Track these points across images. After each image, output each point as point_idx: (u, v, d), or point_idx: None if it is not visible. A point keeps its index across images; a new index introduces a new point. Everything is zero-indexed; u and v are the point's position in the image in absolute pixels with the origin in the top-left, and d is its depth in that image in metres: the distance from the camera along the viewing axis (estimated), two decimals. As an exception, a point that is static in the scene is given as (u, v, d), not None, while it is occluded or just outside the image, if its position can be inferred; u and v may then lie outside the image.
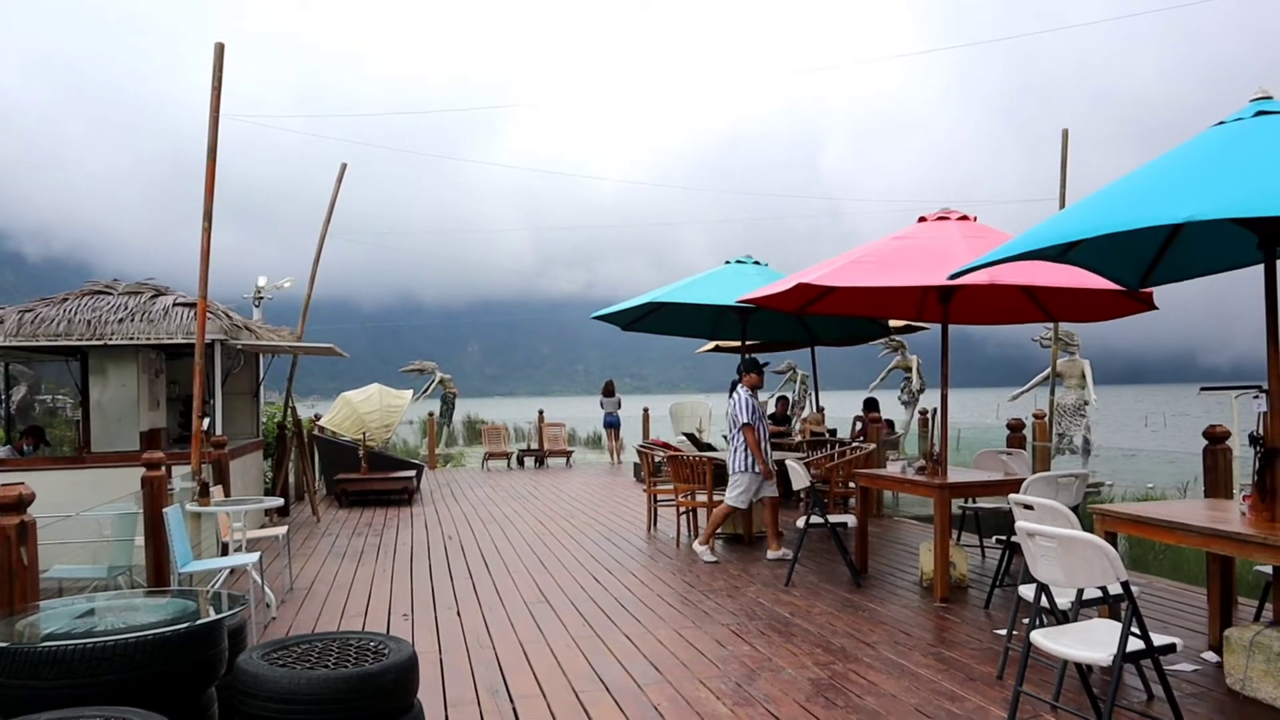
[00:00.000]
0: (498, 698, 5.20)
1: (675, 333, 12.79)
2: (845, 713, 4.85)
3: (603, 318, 11.79)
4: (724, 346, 16.22)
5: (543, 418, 22.48)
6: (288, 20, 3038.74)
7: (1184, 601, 7.24)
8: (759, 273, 10.64)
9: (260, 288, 19.36)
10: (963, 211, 7.93)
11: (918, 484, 7.72)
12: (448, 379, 27.22)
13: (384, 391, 17.02)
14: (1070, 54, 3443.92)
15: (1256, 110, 4.74)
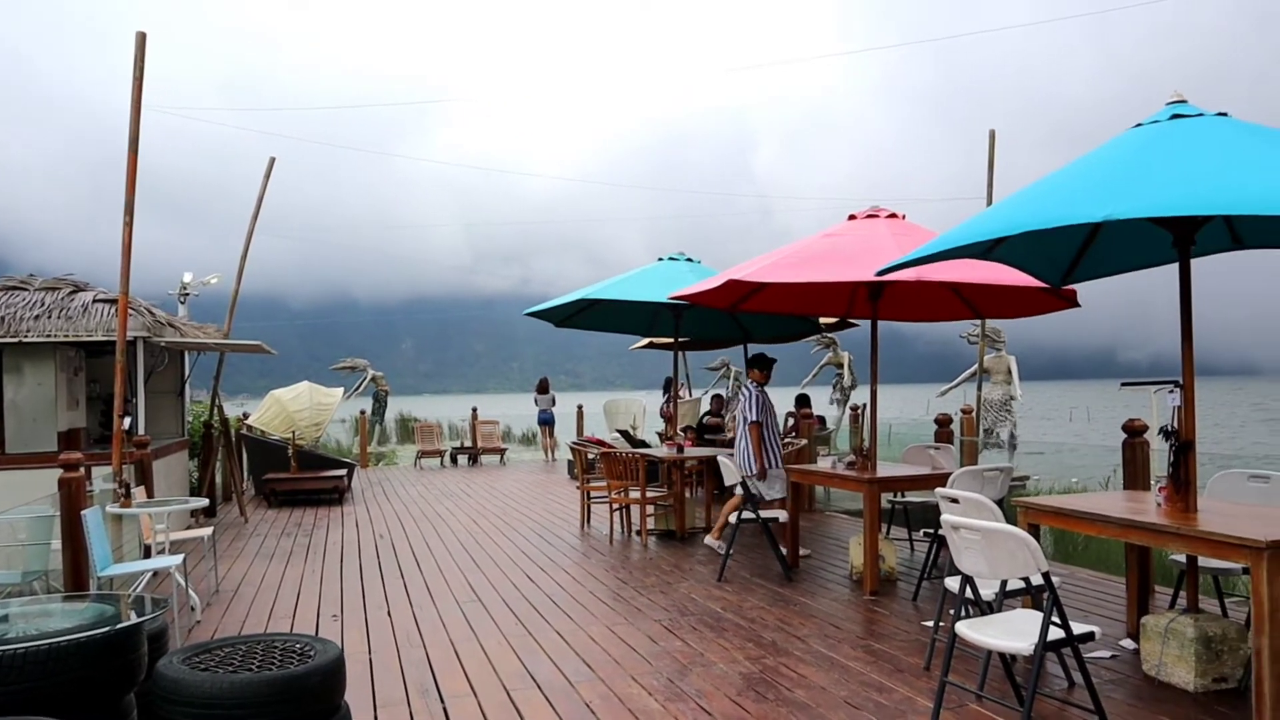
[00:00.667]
0: (428, 697, 5.16)
1: (609, 329, 12.79)
2: (775, 706, 4.89)
3: (536, 314, 11.75)
4: (657, 343, 16.27)
5: (476, 415, 22.34)
6: (215, 9, 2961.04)
7: (1105, 591, 7.42)
8: (692, 270, 10.68)
9: (186, 284, 18.98)
10: (891, 209, 8.04)
11: (847, 479, 7.81)
12: (380, 376, 26.95)
13: (314, 389, 16.79)
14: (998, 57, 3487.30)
15: (1172, 114, 4.87)
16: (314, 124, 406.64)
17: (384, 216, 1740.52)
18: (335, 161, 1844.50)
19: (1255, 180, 4.10)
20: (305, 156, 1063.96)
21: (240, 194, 21.74)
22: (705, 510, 10.82)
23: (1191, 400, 5.19)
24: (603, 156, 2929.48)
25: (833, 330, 16.05)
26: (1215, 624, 5.13)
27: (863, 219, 7.94)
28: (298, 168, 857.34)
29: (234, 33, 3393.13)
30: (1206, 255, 5.81)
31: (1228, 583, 6.58)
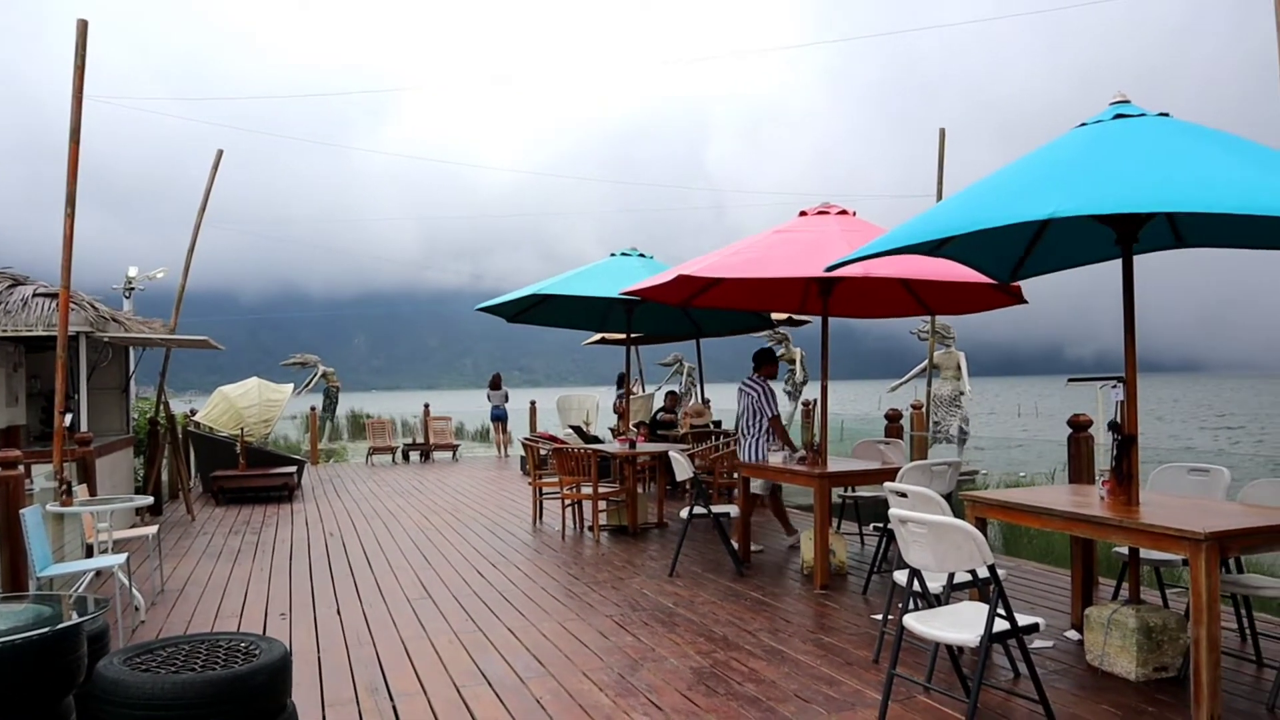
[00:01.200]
0: (377, 696, 5.11)
1: (561, 325, 12.75)
2: (726, 700, 4.90)
3: (487, 309, 11.68)
4: (610, 339, 16.25)
5: (428, 411, 22.19)
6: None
7: (1051, 583, 7.53)
8: (644, 265, 10.67)
9: (131, 278, 18.66)
10: (842, 206, 8.09)
11: (798, 474, 7.85)
12: (330, 372, 26.69)
13: (263, 386, 16.58)
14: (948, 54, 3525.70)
15: (1115, 113, 4.95)
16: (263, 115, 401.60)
17: (336, 210, 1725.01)
18: (286, 154, 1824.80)
19: (1195, 179, 4.17)
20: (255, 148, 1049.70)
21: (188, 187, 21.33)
22: (658, 506, 10.83)
23: (1134, 395, 5.28)
24: (555, 151, 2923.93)
25: (785, 326, 16.13)
26: (1156, 615, 5.22)
27: (813, 215, 7.98)
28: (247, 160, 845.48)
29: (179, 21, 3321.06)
30: (1149, 253, 5.92)
31: (1169, 574, 6.70)
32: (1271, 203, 3.77)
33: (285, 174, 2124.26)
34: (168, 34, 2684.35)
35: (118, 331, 10.80)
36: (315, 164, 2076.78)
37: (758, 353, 9.26)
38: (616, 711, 4.78)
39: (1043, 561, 8.79)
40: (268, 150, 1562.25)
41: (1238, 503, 5.38)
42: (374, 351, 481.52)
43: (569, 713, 4.78)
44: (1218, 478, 5.82)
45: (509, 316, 12.10)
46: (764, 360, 9.12)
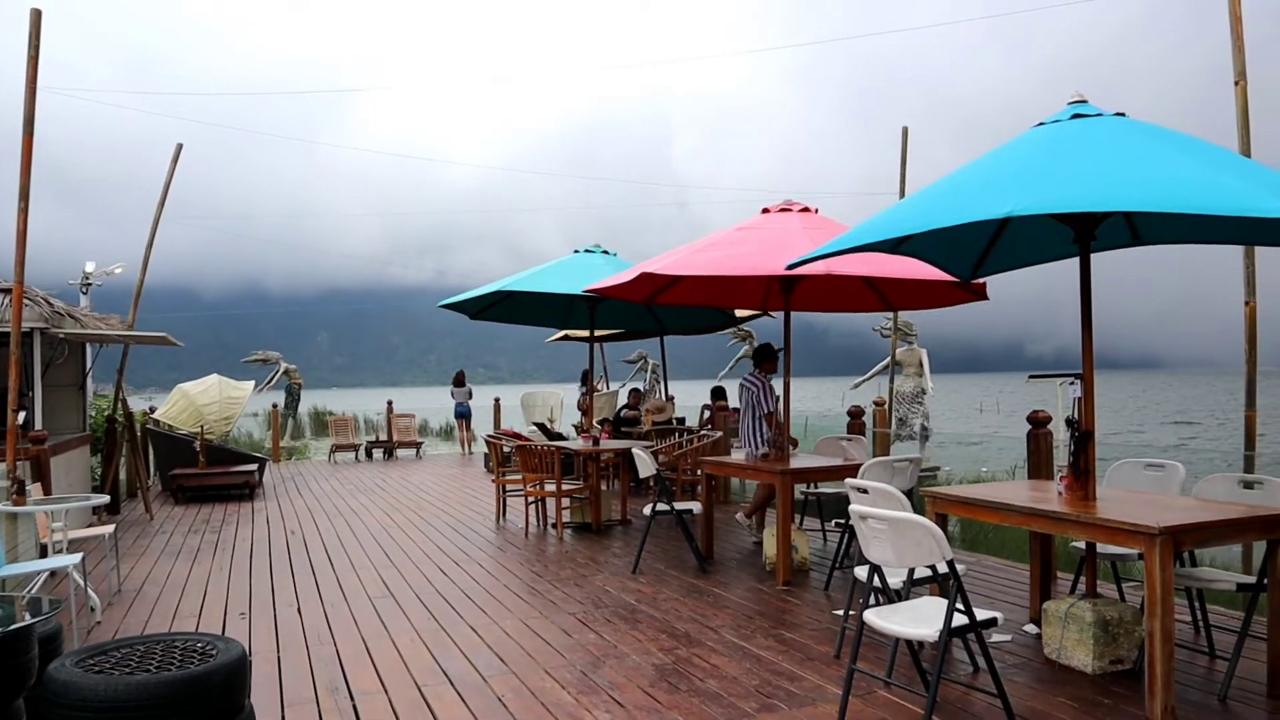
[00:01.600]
0: (337, 695, 5.07)
1: (525, 322, 12.71)
2: (687, 696, 4.91)
3: (450, 306, 11.62)
4: (573, 336, 16.23)
5: (391, 408, 22.07)
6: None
7: (1010, 578, 7.60)
8: (607, 262, 10.66)
9: (88, 274, 18.38)
10: (805, 204, 8.11)
11: (760, 470, 7.88)
12: (293, 369, 26.46)
13: (223, 383, 16.40)
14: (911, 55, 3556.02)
15: (1073, 113, 5.00)
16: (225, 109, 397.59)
17: (298, 206, 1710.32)
18: (248, 149, 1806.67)
19: (1151, 178, 4.22)
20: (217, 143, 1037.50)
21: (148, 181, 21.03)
22: (621, 503, 10.83)
23: (1091, 392, 5.34)
24: (520, 147, 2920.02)
25: (749, 323, 16.19)
26: (1112, 608, 5.28)
27: (776, 213, 8.00)
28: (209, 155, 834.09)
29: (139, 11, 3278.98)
30: (1106, 250, 5.99)
31: (1125, 568, 6.79)
32: (1224, 202, 3.83)
33: (248, 169, 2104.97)
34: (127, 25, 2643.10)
35: (73, 328, 10.64)
36: (279, 159, 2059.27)
37: (758, 349, 9.33)
38: (578, 709, 4.77)
39: (1003, 557, 8.88)
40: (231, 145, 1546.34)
41: (1192, 498, 5.46)
42: (337, 348, 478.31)
43: (531, 711, 4.77)
44: (1173, 473, 5.90)
45: (472, 314, 12.05)
46: (764, 357, 9.18)
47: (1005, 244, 6.29)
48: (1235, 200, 3.80)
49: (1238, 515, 4.73)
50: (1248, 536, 5.34)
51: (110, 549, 8.09)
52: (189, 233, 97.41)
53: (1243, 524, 4.75)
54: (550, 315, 12.63)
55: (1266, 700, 4.75)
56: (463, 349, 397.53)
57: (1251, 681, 4.97)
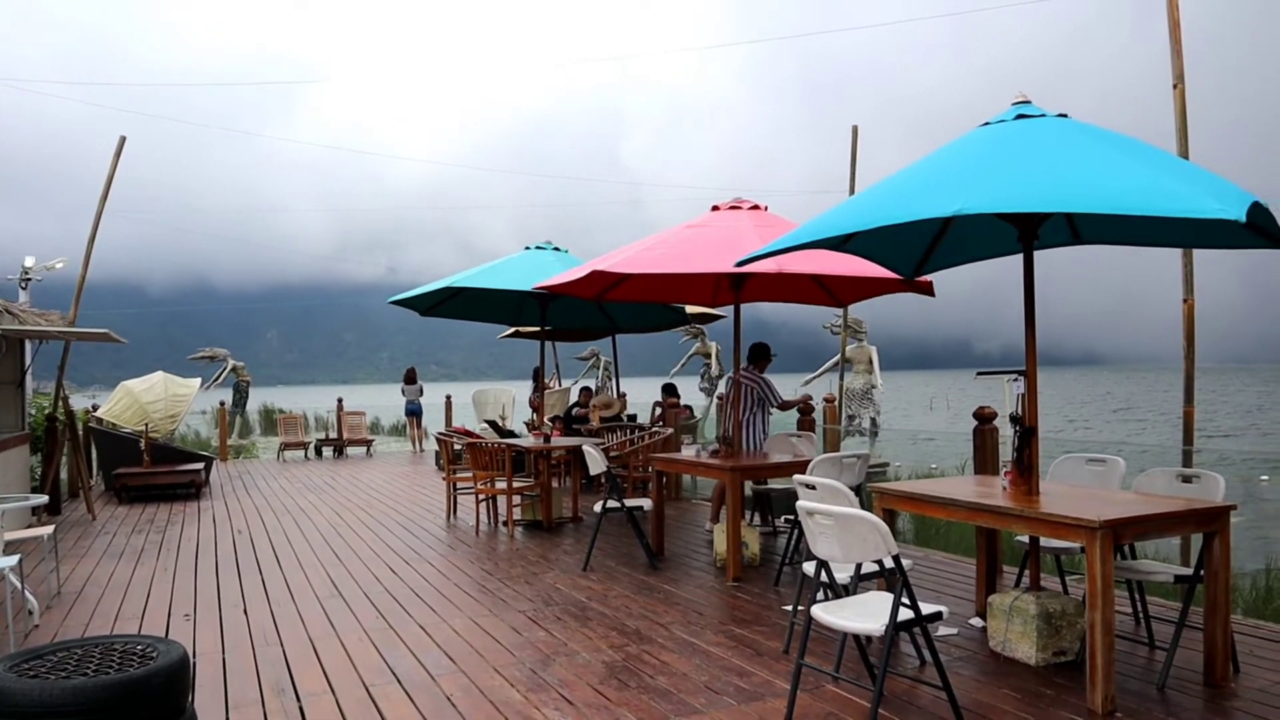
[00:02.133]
0: (283, 696, 5.01)
1: (476, 318, 12.65)
2: (637, 693, 4.92)
3: (400, 302, 11.53)
4: (524, 332, 16.18)
5: (341, 406, 21.86)
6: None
7: (958, 572, 7.70)
8: (558, 259, 10.64)
9: (28, 269, 17.99)
10: (755, 201, 8.15)
11: (710, 467, 7.90)
12: (240, 366, 26.11)
13: (169, 380, 16.15)
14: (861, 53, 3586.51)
15: (1017, 114, 5.07)
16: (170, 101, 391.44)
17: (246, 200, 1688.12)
18: (195, 141, 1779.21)
19: (1091, 180, 4.29)
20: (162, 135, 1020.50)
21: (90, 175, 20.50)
22: (572, 500, 10.81)
23: (1034, 388, 5.42)
24: (471, 142, 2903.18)
25: (700, 320, 16.24)
26: (1055, 601, 5.37)
27: (726, 210, 8.03)
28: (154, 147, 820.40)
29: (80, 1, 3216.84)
30: (1049, 249, 6.08)
31: (1069, 561, 6.90)
32: (1162, 204, 3.90)
33: (194, 162, 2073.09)
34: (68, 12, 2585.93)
35: (11, 324, 10.41)
36: (225, 152, 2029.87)
37: (754, 347, 9.47)
38: (527, 707, 4.76)
39: (951, 551, 8.99)
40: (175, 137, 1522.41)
41: (1132, 492, 5.56)
42: (287, 345, 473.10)
43: (479, 709, 4.75)
44: (1114, 468, 6.01)
45: (422, 310, 11.97)
46: (761, 355, 9.36)
47: (949, 242, 6.36)
48: (1172, 202, 3.88)
49: (1175, 509, 4.83)
50: (1185, 529, 5.46)
51: (50, 550, 7.93)
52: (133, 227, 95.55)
53: (1180, 517, 4.85)
54: (501, 312, 12.59)
55: (1203, 688, 4.86)
56: (415, 346, 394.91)
57: (1189, 670, 5.08)
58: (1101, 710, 4.44)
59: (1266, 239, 4.88)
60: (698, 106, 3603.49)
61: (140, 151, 67.93)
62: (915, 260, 6.55)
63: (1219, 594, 4.84)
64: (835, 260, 6.82)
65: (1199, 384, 7.85)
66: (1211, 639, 4.89)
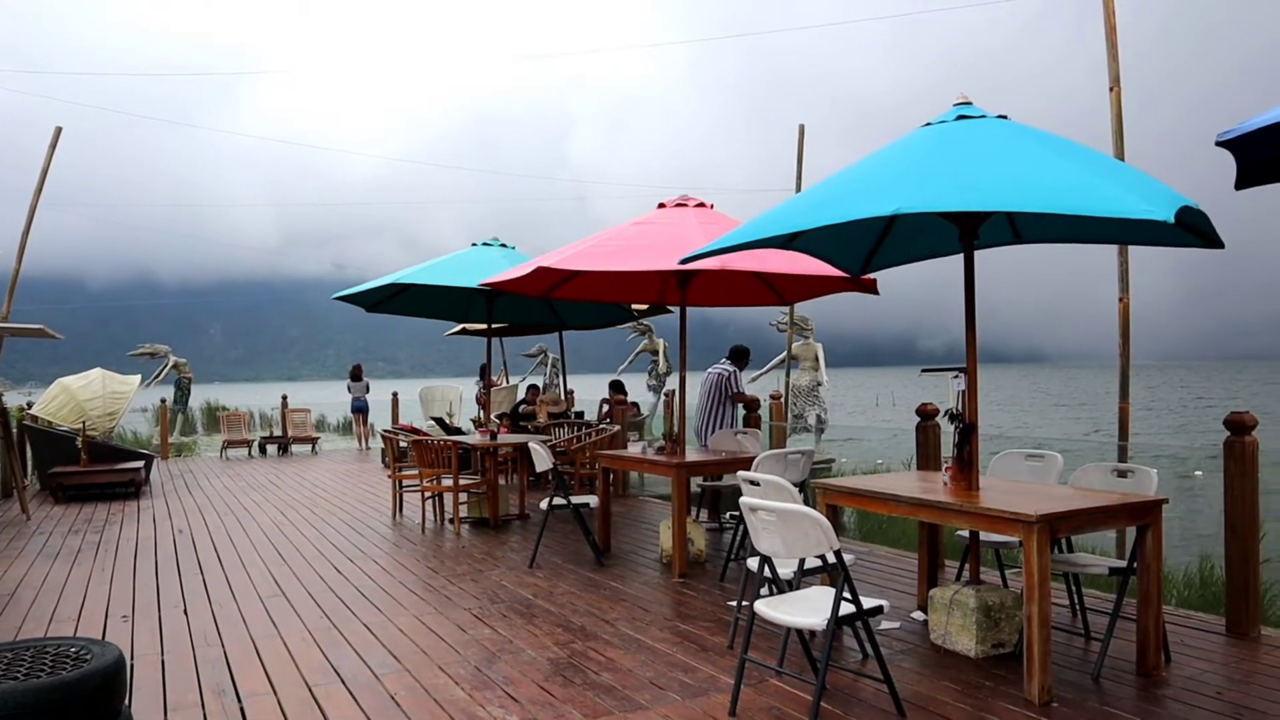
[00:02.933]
0: (224, 698, 4.94)
1: (422, 315, 12.56)
2: (582, 690, 4.92)
3: (345, 298, 11.41)
4: (472, 329, 16.10)
5: (286, 403, 21.60)
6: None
7: (901, 567, 7.79)
8: (505, 255, 10.60)
9: (-43, 263, 17.56)
10: (700, 199, 8.18)
11: (656, 464, 7.93)
12: (182, 363, 25.67)
13: (107, 377, 15.85)
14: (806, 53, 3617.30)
15: (958, 114, 5.15)
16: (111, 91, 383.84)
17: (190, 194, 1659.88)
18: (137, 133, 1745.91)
19: (1030, 180, 4.37)
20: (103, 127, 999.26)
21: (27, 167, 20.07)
22: (519, 497, 10.79)
23: (974, 385, 5.50)
24: (418, 137, 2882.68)
25: (647, 317, 16.26)
26: (994, 594, 5.46)
27: (672, 208, 8.06)
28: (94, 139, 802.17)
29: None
30: (990, 248, 6.18)
31: (1008, 555, 7.02)
32: (1094, 204, 3.98)
33: (135, 154, 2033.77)
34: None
35: (-57, 320, 10.16)
36: (166, 144, 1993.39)
37: (735, 349, 10.13)
38: (472, 705, 4.75)
39: (894, 546, 9.10)
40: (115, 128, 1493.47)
41: (1069, 486, 5.67)
42: (231, 342, 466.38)
43: (424, 708, 4.73)
44: (1051, 463, 6.13)
45: (368, 306, 11.86)
46: (738, 355, 9.93)
47: (894, 240, 6.44)
48: (1103, 203, 3.96)
49: (1110, 503, 4.94)
50: (1119, 522, 5.57)
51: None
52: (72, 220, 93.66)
53: (1115, 511, 4.96)
54: (448, 309, 12.52)
55: (1136, 677, 4.97)
56: (362, 342, 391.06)
57: (1123, 660, 5.19)
58: (1038, 700, 4.53)
59: (1199, 239, 5.01)
60: (644, 104, 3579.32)
61: (80, 142, 66.28)
62: (861, 258, 6.62)
63: (1151, 586, 4.95)
64: (781, 258, 6.87)
65: (1134, 380, 8.02)
66: (1144, 629, 5.00)
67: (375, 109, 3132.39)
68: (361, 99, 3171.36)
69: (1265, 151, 4.07)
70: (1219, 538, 6.04)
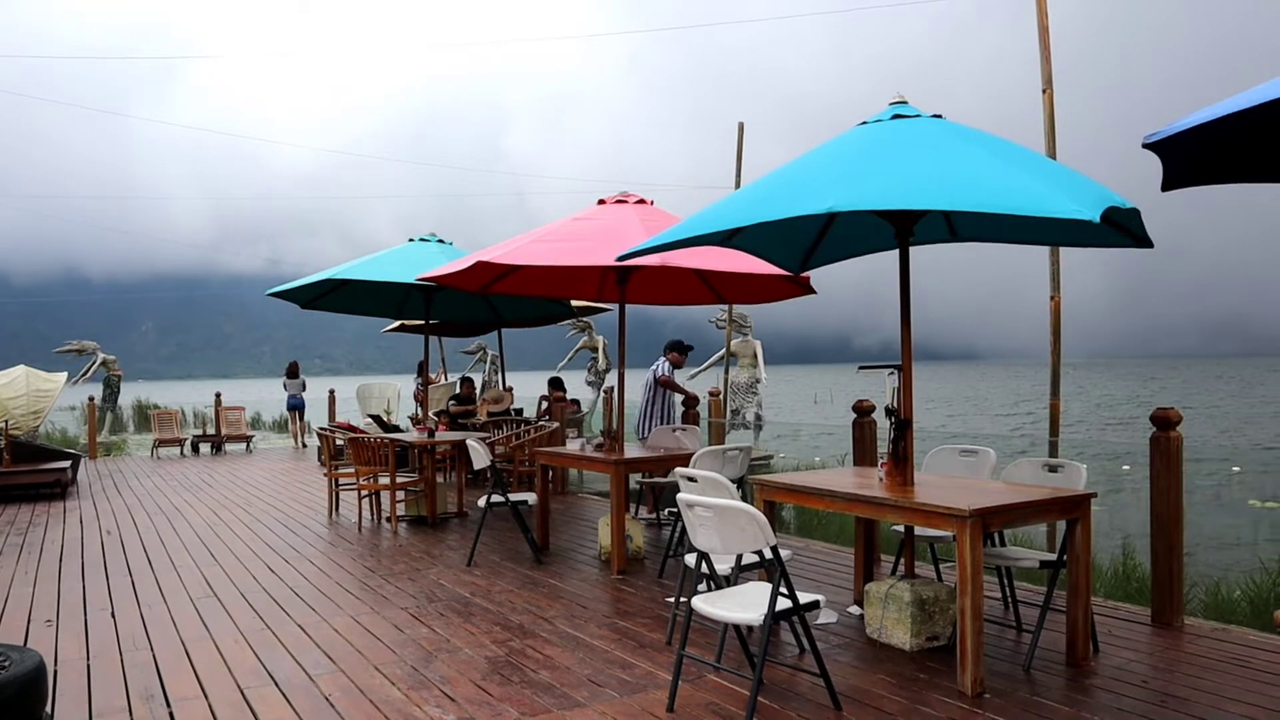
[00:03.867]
0: (152, 702, 4.83)
1: (359, 311, 12.41)
2: (520, 688, 4.90)
3: (279, 294, 11.23)
4: (409, 326, 15.94)
5: (220, 401, 21.21)
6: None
7: (838, 562, 7.86)
8: (443, 251, 10.51)
9: None
10: (640, 195, 8.18)
11: (594, 460, 7.91)
12: (111, 360, 25.06)
13: (31, 375, 15.41)
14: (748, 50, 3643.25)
15: (894, 113, 5.20)
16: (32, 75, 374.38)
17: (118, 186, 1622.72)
18: (60, 121, 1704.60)
19: (964, 179, 4.43)
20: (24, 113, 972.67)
21: (-55, 158, 19.12)
22: (457, 495, 10.71)
23: (909, 382, 5.56)
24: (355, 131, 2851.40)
25: (587, 314, 16.23)
26: (929, 588, 5.53)
27: (612, 204, 8.04)
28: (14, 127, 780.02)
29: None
30: (925, 245, 6.26)
31: (943, 549, 7.12)
32: (1024, 203, 4.04)
33: (61, 144, 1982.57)
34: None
35: None
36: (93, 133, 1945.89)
37: (671, 343, 10.21)
38: (409, 705, 4.70)
39: (832, 541, 9.18)
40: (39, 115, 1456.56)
41: (1001, 481, 5.77)
42: (164, 338, 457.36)
43: (359, 708, 4.67)
44: (985, 458, 6.22)
45: (303, 303, 11.68)
46: (673, 349, 10.06)
47: (833, 238, 6.49)
48: (1033, 202, 4.03)
49: (1041, 497, 5.03)
50: (1050, 516, 5.68)
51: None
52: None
53: (1045, 505, 5.06)
54: (385, 305, 12.38)
55: (1065, 668, 5.08)
56: (298, 339, 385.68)
57: (1053, 651, 5.29)
58: (971, 692, 4.60)
59: (1130, 238, 5.11)
60: (582, 98, 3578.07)
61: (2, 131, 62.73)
62: (800, 256, 6.66)
63: (1080, 578, 5.06)
64: (721, 255, 6.89)
65: (1065, 377, 8.17)
66: (1074, 621, 5.10)
67: (311, 100, 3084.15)
68: (297, 89, 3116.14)
69: (1191, 154, 4.16)
70: (1145, 531, 6.18)
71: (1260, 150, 4.18)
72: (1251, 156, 4.20)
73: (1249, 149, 4.16)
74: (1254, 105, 3.37)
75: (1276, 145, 4.19)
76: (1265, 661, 5.17)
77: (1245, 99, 3.43)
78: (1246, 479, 18.39)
